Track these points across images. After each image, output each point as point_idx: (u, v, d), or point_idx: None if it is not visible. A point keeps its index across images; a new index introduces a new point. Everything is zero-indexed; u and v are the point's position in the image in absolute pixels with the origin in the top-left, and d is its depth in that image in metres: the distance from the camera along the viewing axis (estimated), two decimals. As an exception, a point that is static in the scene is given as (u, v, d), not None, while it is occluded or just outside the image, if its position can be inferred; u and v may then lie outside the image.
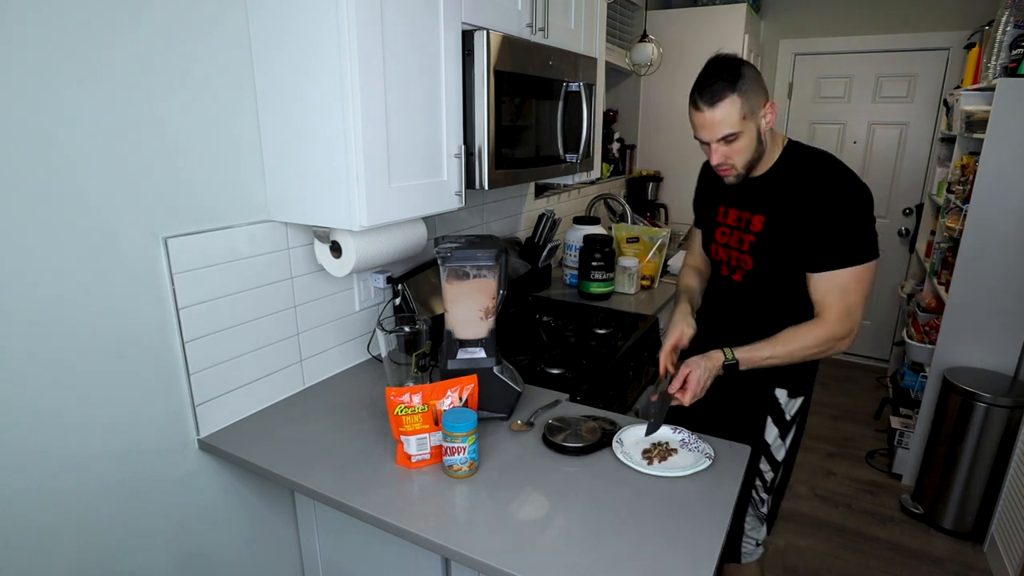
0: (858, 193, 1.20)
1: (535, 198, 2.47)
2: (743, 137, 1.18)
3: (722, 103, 1.14)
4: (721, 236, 1.39)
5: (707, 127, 1.18)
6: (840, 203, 1.19)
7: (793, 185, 1.24)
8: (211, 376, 1.22)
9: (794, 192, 1.24)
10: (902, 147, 3.64)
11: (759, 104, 1.18)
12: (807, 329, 1.24)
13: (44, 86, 0.91)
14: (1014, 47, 2.19)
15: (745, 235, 1.32)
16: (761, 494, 1.44)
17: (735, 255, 1.35)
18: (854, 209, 1.19)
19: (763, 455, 1.41)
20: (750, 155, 1.21)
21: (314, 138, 1.15)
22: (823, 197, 1.20)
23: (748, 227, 1.31)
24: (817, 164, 1.25)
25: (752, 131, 1.18)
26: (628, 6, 3.19)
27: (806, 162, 1.26)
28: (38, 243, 0.94)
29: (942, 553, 2.20)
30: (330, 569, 1.43)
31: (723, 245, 1.39)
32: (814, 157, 1.26)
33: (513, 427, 1.27)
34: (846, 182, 1.21)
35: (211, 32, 1.13)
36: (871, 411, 3.25)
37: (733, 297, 1.40)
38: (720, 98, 1.14)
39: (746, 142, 1.19)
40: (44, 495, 0.99)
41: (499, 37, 1.34)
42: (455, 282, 1.25)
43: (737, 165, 1.22)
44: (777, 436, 1.40)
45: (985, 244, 2.25)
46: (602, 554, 0.91)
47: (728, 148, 1.20)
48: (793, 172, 1.26)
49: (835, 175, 1.22)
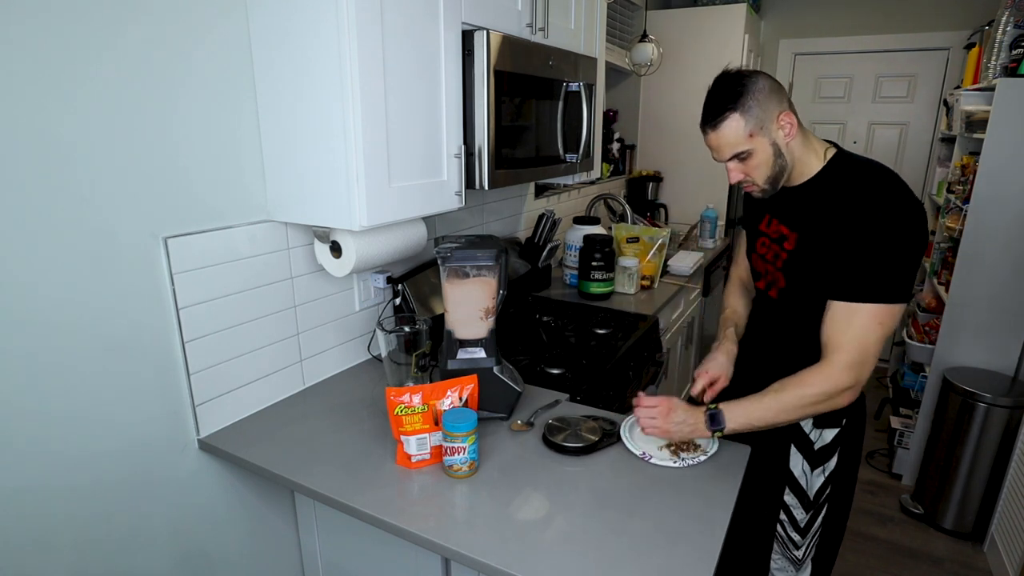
0: (903, 217, 1.03)
1: (535, 198, 2.47)
2: (757, 154, 1.11)
3: (725, 123, 1.10)
4: (761, 247, 1.28)
5: (715, 149, 1.15)
6: (877, 223, 1.03)
7: (830, 200, 1.11)
8: (211, 376, 1.22)
9: (830, 208, 1.11)
10: (902, 147, 3.64)
11: (769, 118, 1.09)
12: (805, 383, 1.10)
13: (43, 85, 0.91)
14: (1014, 47, 2.19)
15: (780, 251, 1.22)
16: (790, 533, 1.30)
17: (771, 270, 1.25)
18: (893, 234, 1.03)
19: (787, 486, 1.28)
20: (769, 171, 1.13)
21: (314, 138, 1.15)
22: (859, 214, 1.05)
23: (783, 243, 1.21)
24: (862, 178, 1.10)
25: (766, 146, 1.11)
26: (628, 6, 3.19)
27: (850, 175, 1.12)
28: (38, 243, 0.94)
29: (942, 553, 2.20)
30: (330, 569, 1.43)
31: (762, 257, 1.28)
32: (861, 170, 1.12)
33: (513, 427, 1.27)
34: (891, 200, 1.04)
35: (211, 32, 1.13)
36: (871, 411, 3.25)
37: (769, 313, 1.30)
38: (722, 118, 1.10)
39: (761, 158, 1.12)
40: (44, 494, 0.99)
41: (499, 37, 1.34)
42: (455, 282, 1.25)
43: (757, 181, 1.15)
44: (805, 467, 1.26)
45: (985, 244, 2.25)
46: (602, 554, 0.91)
47: (744, 166, 1.14)
48: (833, 186, 1.13)
49: (880, 190, 1.06)
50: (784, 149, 1.13)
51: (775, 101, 1.10)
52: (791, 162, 1.15)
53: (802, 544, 1.31)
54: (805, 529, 1.30)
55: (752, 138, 1.10)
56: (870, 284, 1.05)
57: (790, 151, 1.14)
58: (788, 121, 1.11)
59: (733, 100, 1.09)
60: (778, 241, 1.22)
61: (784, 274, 1.21)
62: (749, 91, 1.08)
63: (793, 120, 1.11)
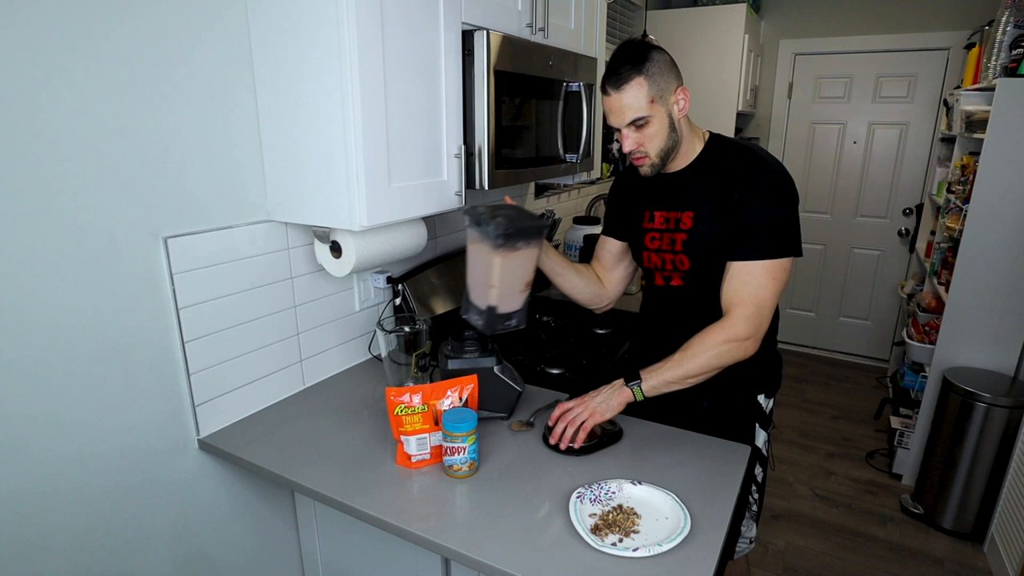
0: (781, 181, 1.15)
1: (535, 198, 2.47)
2: (653, 122, 1.14)
3: (628, 86, 1.12)
4: (651, 242, 1.31)
5: (615, 111, 1.15)
6: (758, 190, 1.14)
7: (716, 175, 1.20)
8: (211, 376, 1.22)
9: (717, 182, 1.19)
10: (902, 147, 3.64)
11: (669, 89, 1.14)
12: (708, 334, 1.16)
13: (42, 85, 0.91)
14: (1014, 47, 2.19)
15: (676, 235, 1.26)
16: (753, 495, 1.43)
17: (669, 258, 1.28)
18: (774, 198, 1.14)
19: (757, 461, 1.39)
20: (663, 143, 1.17)
21: (314, 138, 1.15)
22: (743, 183, 1.15)
23: (678, 226, 1.25)
24: (741, 153, 1.20)
25: (663, 116, 1.15)
26: (628, 6, 3.20)
27: (729, 152, 1.21)
28: (37, 243, 0.94)
29: (942, 553, 2.20)
30: (330, 569, 1.43)
31: (655, 251, 1.31)
32: (738, 148, 1.22)
33: (513, 427, 1.27)
34: (769, 169, 1.16)
35: (210, 31, 1.13)
36: (871, 411, 3.25)
37: (675, 304, 1.33)
38: (626, 81, 1.11)
39: (657, 128, 1.15)
40: (44, 495, 0.99)
41: (499, 37, 1.34)
42: (508, 255, 1.17)
43: (650, 153, 1.18)
44: (765, 439, 1.39)
45: (985, 244, 2.25)
46: (603, 554, 0.91)
47: (639, 135, 1.16)
48: (716, 163, 1.21)
49: (758, 162, 1.17)
50: (677, 125, 1.18)
51: (674, 75, 1.17)
52: (680, 138, 1.20)
53: (757, 500, 1.44)
54: (761, 487, 1.43)
55: (652, 104, 1.13)
56: (761, 242, 1.14)
57: (680, 128, 1.19)
58: (683, 97, 1.17)
59: (639, 64, 1.12)
60: (672, 228, 1.27)
61: (687, 254, 1.25)
62: (653, 59, 1.13)
63: (688, 97, 1.17)
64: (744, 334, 1.15)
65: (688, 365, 1.16)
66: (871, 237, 3.83)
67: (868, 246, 3.85)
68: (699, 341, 1.17)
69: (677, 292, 1.30)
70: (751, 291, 1.15)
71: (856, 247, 3.89)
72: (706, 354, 1.15)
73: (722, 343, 1.15)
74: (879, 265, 3.84)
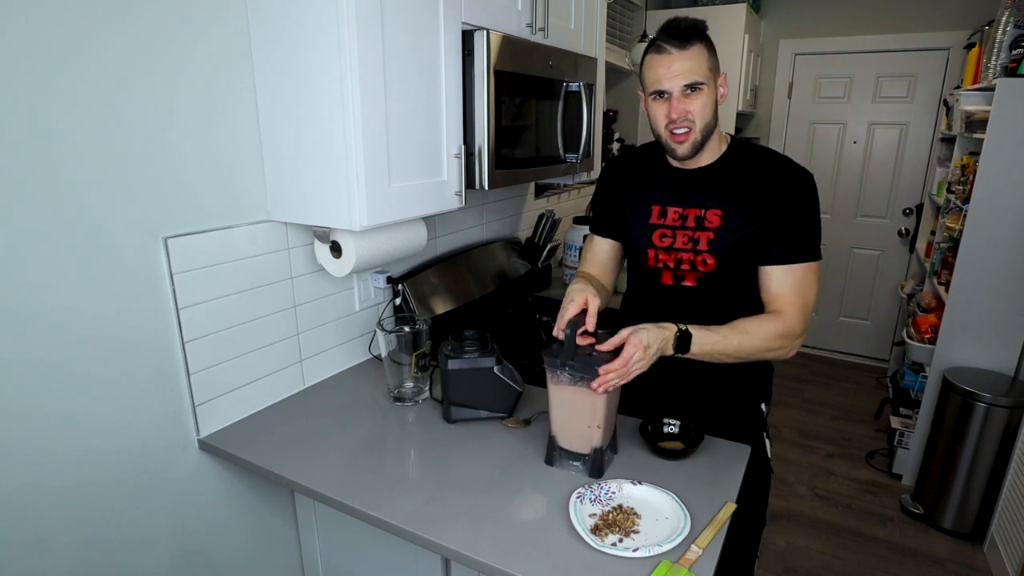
0: (813, 187, 1.17)
1: (535, 198, 2.47)
2: (706, 92, 1.10)
3: (693, 48, 1.08)
4: (662, 240, 1.23)
5: (675, 72, 1.08)
6: (801, 194, 1.15)
7: (747, 176, 1.17)
8: (211, 376, 1.22)
9: (750, 182, 1.17)
10: (902, 147, 3.63)
11: (718, 70, 1.14)
12: (766, 321, 1.14)
13: (42, 85, 0.91)
14: (1014, 47, 2.19)
15: (700, 233, 1.20)
16: None
17: (687, 257, 1.22)
18: (812, 202, 1.16)
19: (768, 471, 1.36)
20: (707, 119, 1.12)
21: (314, 138, 1.15)
22: (784, 187, 1.15)
23: (702, 224, 1.20)
24: (768, 155, 1.20)
25: (713, 91, 1.12)
26: (628, 6, 3.19)
27: (755, 154, 1.21)
28: (37, 243, 0.94)
29: (942, 553, 2.20)
30: (330, 569, 1.43)
31: (666, 249, 1.23)
32: (764, 151, 1.22)
33: (508, 423, 1.27)
34: (803, 174, 1.17)
35: (210, 31, 1.13)
36: (871, 411, 3.25)
37: (683, 306, 1.25)
38: (693, 43, 1.08)
39: (707, 100, 1.11)
40: (44, 494, 0.99)
41: (499, 37, 1.34)
42: None
43: (696, 124, 1.11)
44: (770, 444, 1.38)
45: (985, 244, 2.25)
46: (603, 554, 0.91)
47: (689, 103, 1.10)
48: (744, 163, 1.19)
49: (791, 166, 1.18)
50: (717, 108, 1.16)
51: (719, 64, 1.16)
52: (716, 125, 1.17)
53: None
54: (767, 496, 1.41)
55: (711, 73, 1.11)
56: (805, 245, 1.16)
57: (718, 114, 1.17)
58: (724, 84, 1.16)
59: (703, 35, 1.11)
60: (692, 226, 1.21)
61: (714, 254, 1.19)
62: (708, 37, 1.13)
63: (727, 85, 1.17)
64: (798, 331, 1.16)
65: (740, 346, 1.12)
66: (871, 237, 3.83)
67: (868, 246, 3.85)
68: (755, 327, 1.14)
69: (688, 293, 1.24)
70: (803, 291, 1.16)
71: (856, 247, 3.88)
72: (760, 342, 1.13)
73: (778, 336, 1.14)
74: (879, 265, 3.84)
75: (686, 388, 1.31)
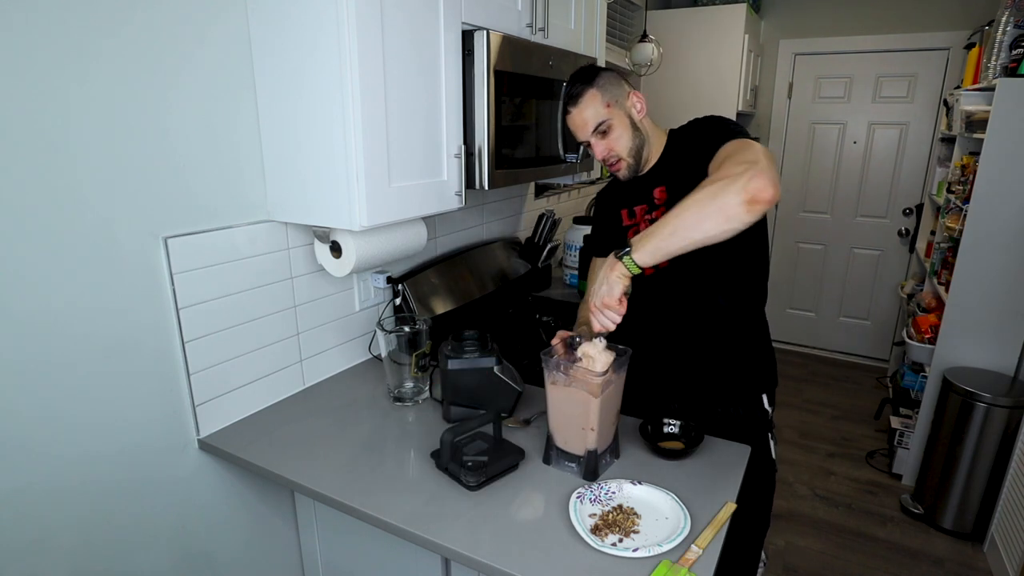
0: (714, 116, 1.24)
1: (535, 198, 2.46)
2: (615, 124, 1.21)
3: (583, 98, 1.19)
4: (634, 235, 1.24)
5: (579, 125, 1.22)
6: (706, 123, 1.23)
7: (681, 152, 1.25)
8: (211, 376, 1.22)
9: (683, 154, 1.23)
10: (902, 147, 3.63)
11: (622, 94, 1.22)
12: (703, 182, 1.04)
13: (43, 84, 0.91)
14: (1014, 47, 2.19)
15: (656, 212, 1.26)
16: None
17: None
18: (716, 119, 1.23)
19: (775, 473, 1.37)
20: (629, 141, 1.23)
21: (314, 138, 1.15)
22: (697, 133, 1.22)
23: (654, 202, 1.27)
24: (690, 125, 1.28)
25: (623, 117, 1.22)
26: (628, 6, 3.19)
27: (683, 131, 1.29)
28: (38, 243, 0.94)
29: (942, 553, 2.20)
30: (330, 569, 1.43)
31: None
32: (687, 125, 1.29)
33: (509, 423, 1.27)
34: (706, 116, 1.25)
35: (210, 32, 1.13)
36: (871, 411, 3.25)
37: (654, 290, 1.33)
38: (580, 95, 1.19)
39: (620, 130, 1.22)
40: (44, 494, 0.99)
41: (499, 37, 1.34)
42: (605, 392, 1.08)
43: (622, 154, 1.23)
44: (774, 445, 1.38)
45: (985, 244, 2.25)
46: (603, 554, 0.91)
47: (607, 141, 1.22)
48: (678, 146, 1.27)
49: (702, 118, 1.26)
50: (640, 124, 1.25)
51: (624, 84, 1.24)
52: (646, 137, 1.26)
53: None
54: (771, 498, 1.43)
55: (609, 108, 1.20)
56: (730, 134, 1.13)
57: (643, 127, 1.26)
58: (638, 99, 1.24)
59: (588, 80, 1.21)
60: (649, 211, 1.30)
61: None
62: (600, 74, 1.22)
63: (642, 99, 1.25)
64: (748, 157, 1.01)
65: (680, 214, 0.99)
66: (871, 237, 3.83)
67: (868, 246, 3.85)
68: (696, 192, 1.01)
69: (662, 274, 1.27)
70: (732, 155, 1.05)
71: (856, 247, 3.88)
72: (695, 196, 0.99)
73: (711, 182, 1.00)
74: (879, 265, 3.84)
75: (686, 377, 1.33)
